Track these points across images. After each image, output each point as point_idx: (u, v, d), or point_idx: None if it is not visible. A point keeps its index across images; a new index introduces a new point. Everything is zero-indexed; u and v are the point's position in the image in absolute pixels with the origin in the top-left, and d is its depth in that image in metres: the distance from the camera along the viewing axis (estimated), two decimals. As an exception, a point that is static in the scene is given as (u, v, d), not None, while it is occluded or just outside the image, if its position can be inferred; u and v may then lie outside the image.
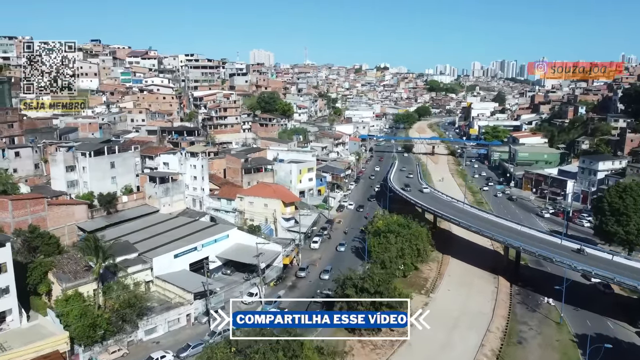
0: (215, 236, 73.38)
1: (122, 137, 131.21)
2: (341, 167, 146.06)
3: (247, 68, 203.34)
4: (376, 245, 75.72)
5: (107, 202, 79.21)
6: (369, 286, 54.95)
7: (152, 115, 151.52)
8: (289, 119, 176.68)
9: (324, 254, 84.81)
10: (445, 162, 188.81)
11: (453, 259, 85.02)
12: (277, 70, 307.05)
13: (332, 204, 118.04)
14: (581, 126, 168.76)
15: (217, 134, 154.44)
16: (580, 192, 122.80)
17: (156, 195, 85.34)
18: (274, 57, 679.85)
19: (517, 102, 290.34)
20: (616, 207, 76.83)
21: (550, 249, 70.33)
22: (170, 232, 73.75)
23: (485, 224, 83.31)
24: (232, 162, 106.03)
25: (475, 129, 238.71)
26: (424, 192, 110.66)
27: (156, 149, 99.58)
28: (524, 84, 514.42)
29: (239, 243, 75.63)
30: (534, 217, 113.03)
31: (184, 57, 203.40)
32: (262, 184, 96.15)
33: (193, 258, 69.39)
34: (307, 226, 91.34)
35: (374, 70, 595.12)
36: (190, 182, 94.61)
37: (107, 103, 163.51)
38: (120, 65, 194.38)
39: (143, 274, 62.50)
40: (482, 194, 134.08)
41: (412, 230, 76.58)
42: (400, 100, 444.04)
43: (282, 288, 70.90)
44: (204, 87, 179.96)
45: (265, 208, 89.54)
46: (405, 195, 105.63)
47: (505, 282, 75.22)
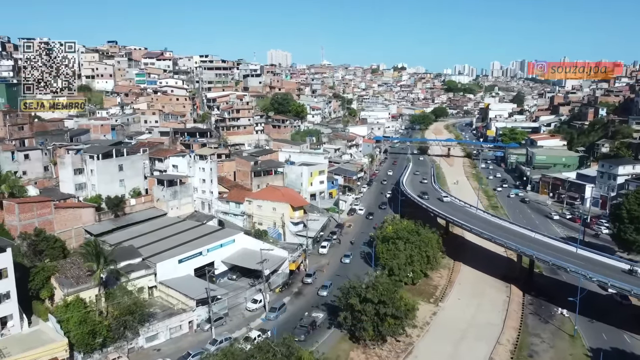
0: (221, 241, 72.57)
1: (135, 138, 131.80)
2: (354, 169, 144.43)
3: (261, 69, 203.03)
4: (384, 252, 74.16)
5: (115, 205, 78.99)
6: (372, 296, 53.43)
7: (165, 116, 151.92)
8: (302, 121, 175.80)
9: (332, 260, 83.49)
10: (461, 165, 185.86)
11: (465, 266, 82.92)
12: (292, 71, 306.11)
13: (343, 207, 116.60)
14: (601, 129, 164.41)
15: (229, 135, 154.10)
16: (599, 197, 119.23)
17: (164, 198, 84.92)
18: (291, 57, 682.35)
19: (536, 103, 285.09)
20: (635, 215, 74.07)
21: (565, 258, 67.86)
22: (176, 237, 73.14)
23: (498, 231, 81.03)
24: (242, 165, 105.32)
25: (492, 131, 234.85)
26: (444, 201, 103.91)
27: (166, 152, 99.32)
28: (544, 84, 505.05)
29: (245, 248, 74.65)
30: (550, 222, 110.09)
31: (199, 58, 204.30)
32: (271, 188, 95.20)
33: (198, 263, 68.64)
34: (316, 231, 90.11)
35: (390, 70, 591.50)
36: (199, 184, 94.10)
37: (122, 104, 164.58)
38: (136, 67, 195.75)
39: (146, 279, 61.92)
40: (497, 198, 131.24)
41: (421, 237, 74.71)
42: (417, 101, 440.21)
43: (287, 294, 69.76)
44: (218, 89, 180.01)
45: (274, 212, 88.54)
46: (422, 203, 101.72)
47: (517, 291, 72.89)
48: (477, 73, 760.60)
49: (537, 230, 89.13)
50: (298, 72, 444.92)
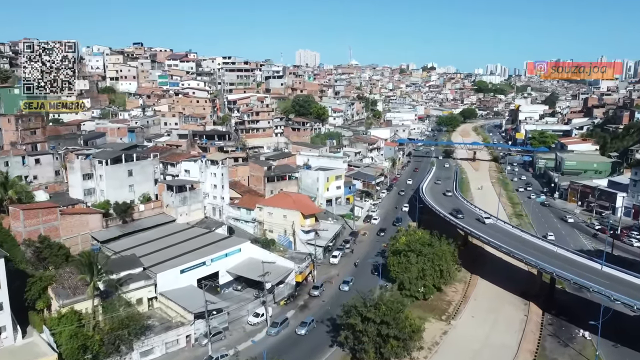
0: (226, 250, 70.74)
1: (154, 141, 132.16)
2: (374, 173, 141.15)
3: (283, 70, 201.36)
4: (396, 265, 71.01)
5: (123, 211, 78.15)
6: (374, 316, 50.48)
7: (185, 118, 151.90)
8: (323, 123, 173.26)
9: (342, 271, 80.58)
10: (487, 169, 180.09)
11: (482, 280, 78.88)
12: (315, 73, 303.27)
13: (360, 214, 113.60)
14: (637, 133, 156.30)
15: (248, 138, 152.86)
16: (631, 207, 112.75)
17: (173, 204, 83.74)
18: (319, 57, 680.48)
19: (569, 105, 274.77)
20: (668, 230, 68.69)
21: (588, 276, 63.33)
22: (182, 245, 71.68)
23: (519, 244, 76.65)
24: (255, 170, 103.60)
25: (521, 133, 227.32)
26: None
27: (179, 156, 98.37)
28: (579, 84, 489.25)
29: (251, 257, 72.68)
30: (577, 232, 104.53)
31: (221, 59, 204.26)
32: (283, 194, 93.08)
33: (201, 273, 66.96)
34: (328, 239, 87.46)
35: (419, 70, 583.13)
36: (211, 190, 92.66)
37: (144, 106, 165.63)
38: (159, 68, 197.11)
39: (146, 290, 60.51)
40: (523, 206, 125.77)
41: (435, 250, 71.14)
42: (446, 102, 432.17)
43: (292, 308, 67.43)
44: (239, 90, 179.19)
45: (285, 219, 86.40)
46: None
47: (536, 309, 68.63)
48: (509, 73, 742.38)
49: (561, 244, 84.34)
50: (325, 72, 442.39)
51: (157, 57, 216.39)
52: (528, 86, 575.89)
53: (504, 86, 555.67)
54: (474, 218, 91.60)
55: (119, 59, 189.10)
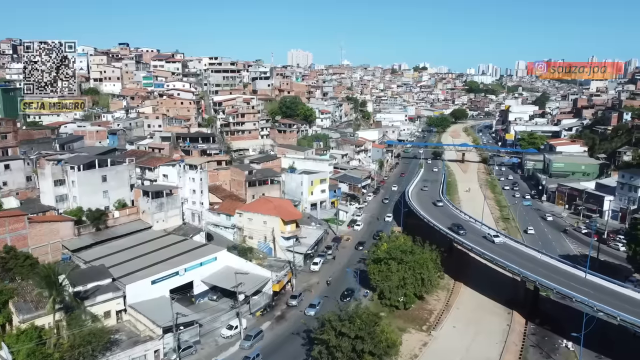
0: (201, 259, 68.45)
1: (137, 144, 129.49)
2: (361, 176, 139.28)
3: (270, 71, 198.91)
4: (376, 273, 69.08)
5: (96, 218, 75.68)
6: (348, 330, 48.45)
7: (169, 120, 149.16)
8: (310, 125, 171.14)
9: (323, 279, 78.39)
10: (475, 171, 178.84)
11: (465, 287, 77.21)
12: (304, 74, 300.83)
13: (344, 218, 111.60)
14: (625, 134, 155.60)
15: (233, 140, 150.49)
16: (618, 210, 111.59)
17: (149, 211, 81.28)
18: (312, 57, 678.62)
19: (558, 105, 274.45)
20: (653, 237, 67.33)
21: (571, 285, 61.71)
22: (155, 254, 69.29)
23: (502, 251, 74.94)
24: (236, 174, 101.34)
25: (511, 134, 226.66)
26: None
27: (157, 160, 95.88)
28: (570, 84, 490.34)
29: (228, 266, 70.41)
30: (563, 236, 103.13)
31: (208, 60, 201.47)
32: (264, 199, 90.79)
33: (174, 283, 64.69)
34: (309, 245, 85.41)
35: (411, 71, 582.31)
36: (190, 195, 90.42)
37: (127, 108, 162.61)
38: (145, 69, 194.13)
39: (114, 302, 58.09)
40: (510, 209, 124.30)
41: (416, 257, 69.25)
42: (437, 102, 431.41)
43: (269, 319, 65.23)
44: (225, 92, 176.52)
45: (265, 225, 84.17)
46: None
47: (520, 318, 66.94)
48: (500, 73, 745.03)
49: (546, 248, 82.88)
50: (316, 72, 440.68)
51: (143, 57, 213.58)
52: (519, 86, 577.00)
53: (496, 86, 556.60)
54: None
55: (103, 59, 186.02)
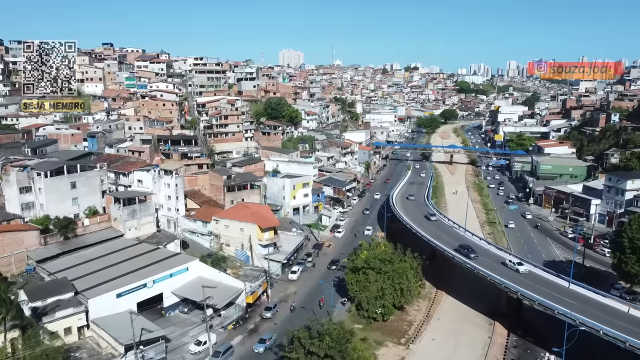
0: (171, 270, 65.70)
1: (116, 147, 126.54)
2: (346, 179, 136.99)
3: (257, 72, 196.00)
4: (354, 283, 66.63)
5: (64, 226, 72.64)
6: (317, 349, 45.96)
7: (150, 122, 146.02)
8: (296, 127, 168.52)
9: (301, 289, 75.78)
10: (463, 172, 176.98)
11: (447, 296, 74.99)
12: (291, 74, 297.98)
13: (327, 222, 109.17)
14: (613, 136, 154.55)
15: (216, 142, 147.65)
16: (605, 214, 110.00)
17: (121, 218, 78.33)
18: (303, 57, 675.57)
19: (547, 106, 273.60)
20: (638, 245, 65.32)
21: (554, 296, 59.61)
22: (123, 265, 66.44)
23: (484, 258, 72.76)
24: (215, 179, 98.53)
25: (500, 135, 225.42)
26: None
27: (131, 165, 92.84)
28: (561, 84, 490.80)
29: (200, 277, 67.71)
30: (549, 241, 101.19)
31: (193, 60, 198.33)
32: (242, 205, 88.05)
33: (142, 296, 61.96)
34: (288, 253, 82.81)
35: (402, 71, 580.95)
36: (165, 201, 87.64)
37: (108, 109, 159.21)
38: (128, 70, 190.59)
39: (76, 317, 55.21)
40: (496, 213, 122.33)
41: (395, 267, 66.87)
42: (427, 102, 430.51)
43: (241, 332, 62.57)
44: (210, 93, 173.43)
45: (242, 233, 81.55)
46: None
47: (502, 330, 64.76)
48: (492, 73, 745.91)
49: (532, 252, 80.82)
50: (306, 72, 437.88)
51: (128, 58, 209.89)
52: (510, 86, 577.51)
53: (487, 86, 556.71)
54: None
55: (85, 60, 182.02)
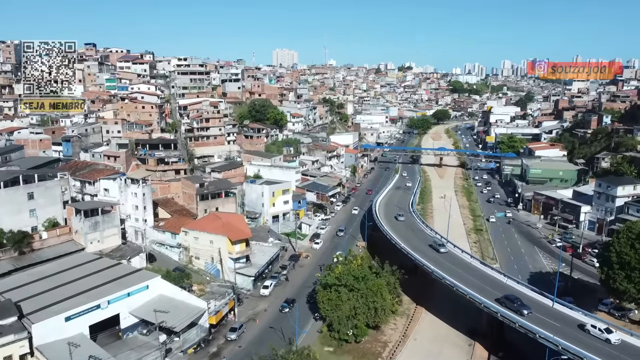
0: (129, 289, 61.20)
1: (91, 151, 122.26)
2: (330, 183, 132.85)
3: (242, 73, 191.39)
4: (325, 302, 62.51)
5: (17, 241, 68.14)
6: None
7: (129, 126, 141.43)
8: (281, 129, 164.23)
9: (273, 306, 71.54)
10: (452, 176, 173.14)
11: (427, 313, 71.01)
12: (282, 74, 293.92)
13: (308, 231, 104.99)
14: (604, 139, 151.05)
15: (197, 146, 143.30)
16: (595, 221, 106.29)
17: (82, 231, 73.89)
18: (297, 57, 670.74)
19: (540, 107, 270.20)
20: (626, 260, 61.43)
21: (538, 317, 55.65)
22: (78, 283, 61.81)
23: (464, 273, 68.81)
24: (187, 187, 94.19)
25: (492, 137, 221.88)
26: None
27: (98, 173, 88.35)
28: (555, 84, 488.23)
29: (162, 295, 63.31)
30: (537, 251, 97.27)
31: (177, 61, 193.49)
32: (214, 215, 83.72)
33: (95, 318, 57.45)
34: (261, 266, 78.55)
35: (395, 70, 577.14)
36: (132, 211, 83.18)
37: (87, 112, 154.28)
38: (109, 71, 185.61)
39: (17, 345, 50.78)
40: (483, 219, 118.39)
41: (369, 284, 62.79)
42: (420, 103, 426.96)
43: (202, 356, 58.34)
44: (193, 95, 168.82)
45: (211, 245, 77.28)
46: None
47: (482, 351, 60.81)
48: (487, 72, 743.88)
49: (519, 262, 76.74)
50: (298, 72, 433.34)
51: (110, 58, 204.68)
52: (504, 85, 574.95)
53: (480, 86, 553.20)
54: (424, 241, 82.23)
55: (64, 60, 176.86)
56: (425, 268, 70.68)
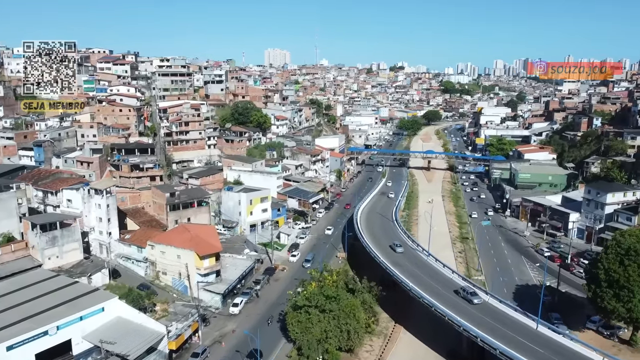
0: (82, 312, 56.61)
1: (64, 157, 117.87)
2: (313, 189, 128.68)
3: (225, 75, 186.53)
4: (294, 324, 58.31)
5: (-34, 258, 63.51)
6: None
7: (106, 129, 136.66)
8: (265, 133, 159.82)
9: (242, 325, 67.07)
10: (440, 180, 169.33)
11: (405, 332, 66.95)
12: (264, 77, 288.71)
13: (286, 241, 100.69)
14: (594, 141, 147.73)
15: (176, 151, 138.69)
16: (584, 228, 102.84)
17: (39, 246, 69.29)
18: (289, 56, 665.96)
19: (530, 108, 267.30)
20: (615, 278, 57.65)
21: (519, 341, 51.75)
22: (27, 305, 57.22)
23: (444, 290, 64.82)
24: (157, 196, 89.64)
25: (482, 138, 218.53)
26: None
27: (62, 182, 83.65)
28: (547, 84, 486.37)
29: (119, 317, 58.79)
30: (524, 261, 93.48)
31: (159, 61, 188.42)
32: (182, 227, 79.19)
33: (43, 345, 52.85)
34: (231, 282, 74.17)
35: (387, 70, 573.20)
36: (96, 223, 78.64)
37: (63, 115, 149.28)
38: (88, 72, 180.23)
39: (-51, 379, 46.31)
40: (470, 227, 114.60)
41: (342, 304, 58.65)
42: (412, 103, 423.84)
43: (159, 386, 54.03)
44: (174, 97, 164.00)
45: (179, 260, 72.85)
46: None
47: (461, 378, 56.81)
48: (479, 72, 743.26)
49: (505, 274, 72.81)
50: (288, 72, 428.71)
51: (90, 59, 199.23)
52: (496, 85, 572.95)
53: (472, 86, 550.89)
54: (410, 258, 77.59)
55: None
56: (404, 285, 66.54)
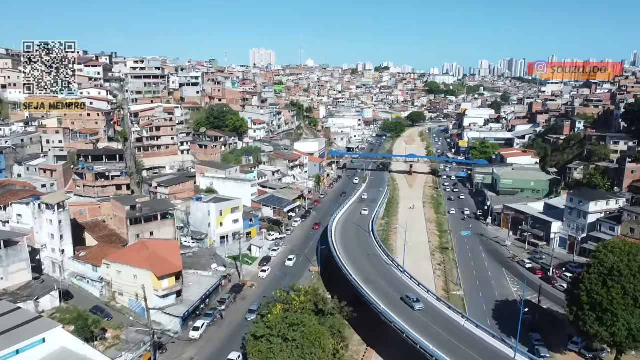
0: (19, 344, 51.37)
1: (26, 164, 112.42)
2: (290, 197, 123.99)
3: (202, 77, 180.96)
4: (255, 355, 53.61)
5: None
6: None
7: (73, 135, 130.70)
8: (241, 137, 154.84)
9: (202, 352, 62.27)
10: (422, 184, 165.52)
11: (378, 357, 62.69)
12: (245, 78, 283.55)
13: (258, 253, 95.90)
14: (577, 145, 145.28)
15: (147, 157, 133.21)
16: (567, 238, 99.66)
17: (-19, 268, 63.93)
18: (275, 56, 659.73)
19: (514, 110, 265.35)
20: (598, 301, 53.91)
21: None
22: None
23: (419, 314, 60.72)
24: (117, 209, 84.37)
25: (465, 141, 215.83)
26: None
27: (12, 195, 78.04)
28: (531, 84, 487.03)
29: (63, 348, 53.62)
30: (505, 274, 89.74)
31: (133, 63, 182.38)
32: (141, 244, 73.91)
33: (-28, 384, 47.80)
34: (192, 304, 69.24)
35: (372, 71, 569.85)
36: (49, 240, 73.24)
37: (29, 120, 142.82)
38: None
39: None
40: (450, 236, 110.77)
41: (307, 332, 54.11)
42: (396, 104, 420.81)
43: None
44: (147, 100, 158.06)
45: (136, 280, 67.74)
46: None
47: (435, 410, 52.60)
48: (464, 72, 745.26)
49: (485, 288, 69.04)
50: (272, 73, 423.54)
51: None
52: (481, 86, 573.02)
53: (457, 86, 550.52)
54: None
55: (8, 63, 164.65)
56: (374, 307, 62.26)
